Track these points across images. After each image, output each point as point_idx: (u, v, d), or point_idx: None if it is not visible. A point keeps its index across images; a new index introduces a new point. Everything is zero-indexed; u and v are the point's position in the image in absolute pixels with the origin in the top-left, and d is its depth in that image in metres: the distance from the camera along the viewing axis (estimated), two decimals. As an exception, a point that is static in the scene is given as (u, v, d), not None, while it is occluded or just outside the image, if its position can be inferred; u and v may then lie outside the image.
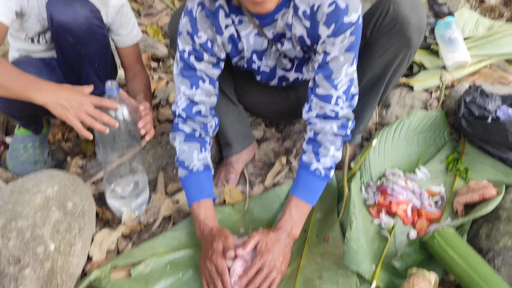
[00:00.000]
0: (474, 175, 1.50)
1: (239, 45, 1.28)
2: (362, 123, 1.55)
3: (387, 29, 1.28)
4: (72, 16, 1.32)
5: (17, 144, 1.61)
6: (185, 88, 1.28)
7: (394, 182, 1.42)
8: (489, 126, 1.47)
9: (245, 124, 1.64)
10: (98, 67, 1.50)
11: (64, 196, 1.19)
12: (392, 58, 1.34)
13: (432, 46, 2.12)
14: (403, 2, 1.25)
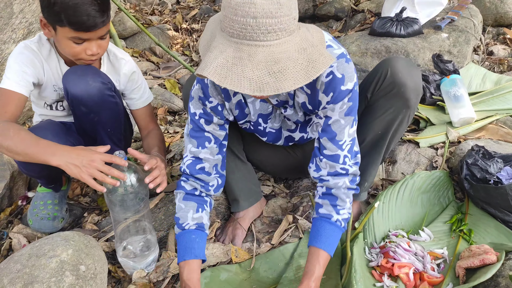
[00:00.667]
0: (477, 237, 1.51)
1: (245, 110, 1.38)
2: (367, 180, 1.60)
3: (386, 91, 1.39)
4: (85, 88, 1.44)
5: (38, 201, 1.70)
6: (192, 146, 1.38)
7: (397, 245, 1.45)
8: (490, 190, 1.50)
9: (252, 181, 1.71)
10: (112, 131, 1.60)
11: (77, 259, 1.26)
12: (392, 118, 1.43)
13: (438, 102, 2.18)
14: (400, 67, 1.36)
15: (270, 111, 1.41)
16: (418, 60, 2.37)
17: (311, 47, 1.04)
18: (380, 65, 1.41)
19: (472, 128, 2.08)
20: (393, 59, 1.39)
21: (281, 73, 0.98)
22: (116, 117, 1.60)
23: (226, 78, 0.98)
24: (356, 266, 1.33)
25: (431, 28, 2.50)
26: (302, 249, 1.55)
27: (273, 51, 0.99)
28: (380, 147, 1.51)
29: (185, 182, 1.40)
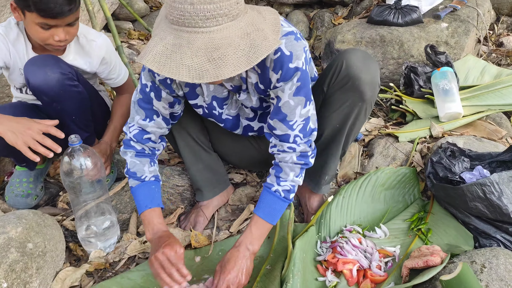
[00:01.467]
0: (435, 237, 1.48)
1: (197, 89, 1.37)
2: (327, 174, 1.58)
3: (341, 84, 1.36)
4: (44, 79, 1.48)
5: (14, 179, 1.79)
6: (140, 118, 1.38)
7: (347, 240, 1.44)
8: (449, 189, 1.45)
9: (217, 171, 1.72)
10: (77, 118, 1.65)
11: (26, 237, 1.33)
12: (348, 111, 1.40)
13: (426, 95, 2.10)
14: (355, 59, 1.33)
15: (225, 96, 1.40)
16: (412, 51, 2.29)
17: (256, 31, 1.03)
18: (336, 58, 1.38)
19: (459, 123, 2.01)
20: (349, 51, 1.36)
21: (221, 60, 0.97)
22: (80, 105, 1.64)
23: (164, 66, 0.99)
24: (296, 260, 1.33)
25: (432, 17, 2.40)
26: (257, 239, 1.56)
27: (213, 37, 0.98)
28: (338, 140, 1.49)
29: (134, 142, 1.42)
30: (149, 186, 1.41)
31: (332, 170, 1.58)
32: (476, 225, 1.43)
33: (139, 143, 1.41)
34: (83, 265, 1.50)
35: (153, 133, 1.41)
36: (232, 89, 1.36)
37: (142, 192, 1.40)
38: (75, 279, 1.45)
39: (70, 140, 1.38)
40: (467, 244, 1.41)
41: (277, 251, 1.47)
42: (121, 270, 1.51)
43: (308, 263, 1.40)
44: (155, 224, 1.36)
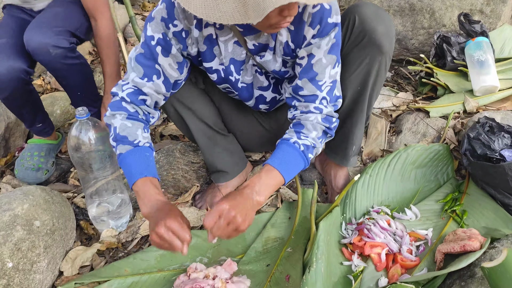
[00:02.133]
0: (470, 219, 1.36)
1: (214, 48, 1.23)
2: (354, 144, 1.46)
3: (357, 41, 1.25)
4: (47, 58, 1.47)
5: (25, 153, 1.73)
6: (136, 76, 1.19)
7: (374, 222, 1.33)
8: (488, 168, 1.32)
9: (235, 153, 1.61)
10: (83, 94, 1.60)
11: (33, 214, 1.25)
12: (369, 69, 1.28)
13: (460, 67, 1.95)
14: (367, 12, 1.22)
15: (243, 59, 1.27)
16: (444, 20, 2.13)
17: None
18: (346, 14, 1.25)
19: (495, 98, 1.86)
20: (359, 5, 1.23)
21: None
22: (85, 79, 1.56)
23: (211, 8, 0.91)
24: (320, 242, 1.23)
25: (465, -16, 2.22)
26: (276, 219, 1.46)
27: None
28: (362, 104, 1.35)
29: (126, 103, 1.19)
30: (143, 153, 1.17)
31: (359, 139, 1.45)
32: (518, 207, 1.31)
33: (133, 104, 1.20)
34: (94, 244, 1.43)
35: (149, 96, 1.21)
36: (254, 48, 1.22)
37: (135, 159, 1.16)
38: (86, 258, 1.38)
39: (77, 113, 1.30)
40: (507, 227, 1.29)
41: (299, 232, 1.38)
42: (133, 250, 1.44)
43: (333, 246, 1.30)
44: (152, 195, 1.11)
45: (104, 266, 1.37)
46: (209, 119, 1.48)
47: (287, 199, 1.55)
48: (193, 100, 1.42)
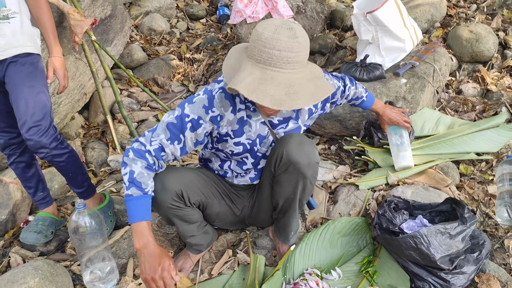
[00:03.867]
0: (380, 278, 1.78)
1: (245, 127, 1.65)
2: (292, 230, 1.89)
3: (284, 168, 1.64)
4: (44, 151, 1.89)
5: (33, 222, 2.12)
6: (164, 138, 1.55)
7: (306, 283, 1.74)
8: (389, 240, 1.75)
9: (209, 235, 1.97)
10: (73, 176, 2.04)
11: (42, 286, 1.64)
12: (295, 186, 1.68)
13: (385, 146, 2.41)
14: (291, 147, 1.60)
15: (265, 134, 1.70)
16: (374, 105, 2.61)
17: (317, 78, 1.41)
18: (276, 146, 1.66)
19: (412, 172, 2.31)
20: (286, 139, 1.62)
21: (294, 94, 1.33)
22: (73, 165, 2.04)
23: (253, 92, 1.32)
24: (260, 301, 1.63)
25: (393, 74, 2.72)
26: (234, 280, 1.86)
27: (290, 77, 1.34)
28: (294, 205, 1.77)
29: (149, 155, 1.55)
30: (148, 200, 1.53)
31: (295, 226, 1.88)
32: (412, 269, 1.73)
33: (155, 157, 1.56)
34: (89, 305, 1.80)
35: (167, 154, 1.57)
36: (278, 123, 1.69)
37: (142, 204, 1.51)
38: (82, 318, 1.76)
39: (76, 204, 1.70)
40: (404, 285, 1.71)
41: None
42: (120, 309, 1.82)
43: (272, 303, 1.71)
44: (146, 236, 1.50)
45: (96, 323, 1.75)
46: (194, 221, 1.82)
47: (243, 263, 1.95)
48: (187, 215, 1.76)
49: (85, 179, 2.10)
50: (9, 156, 2.04)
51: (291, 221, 1.84)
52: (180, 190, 1.64)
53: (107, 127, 3.03)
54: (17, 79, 1.82)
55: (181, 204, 1.68)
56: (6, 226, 2.26)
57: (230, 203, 1.90)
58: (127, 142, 2.87)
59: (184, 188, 1.65)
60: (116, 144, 2.75)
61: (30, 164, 2.08)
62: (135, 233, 1.51)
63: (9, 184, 2.31)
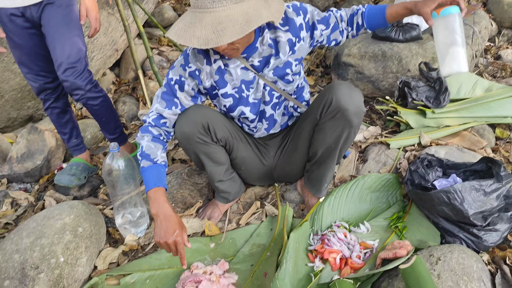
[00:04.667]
0: (409, 233, 1.76)
1: (225, 76, 1.66)
2: (326, 182, 1.88)
3: (332, 115, 1.64)
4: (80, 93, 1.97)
5: (68, 166, 2.18)
6: (159, 106, 1.65)
7: (334, 234, 1.75)
8: (421, 195, 1.73)
9: (236, 184, 1.99)
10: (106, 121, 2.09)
11: (77, 223, 1.69)
12: (339, 135, 1.68)
13: (418, 107, 2.36)
14: (342, 94, 1.60)
15: (251, 79, 1.67)
16: (409, 66, 2.54)
17: (254, 11, 1.35)
18: (325, 91, 1.64)
19: (447, 133, 2.26)
20: (336, 86, 1.61)
21: (222, 31, 1.31)
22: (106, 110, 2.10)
23: (182, 36, 1.35)
24: (289, 249, 1.65)
25: (430, 35, 2.64)
26: (261, 230, 1.88)
27: (218, 15, 1.32)
28: (333, 156, 1.77)
29: (152, 127, 1.66)
30: (159, 169, 1.61)
31: (329, 178, 1.87)
32: (443, 225, 1.71)
33: (156, 127, 1.66)
34: (120, 247, 1.86)
35: (168, 119, 1.67)
36: (260, 64, 1.64)
37: (153, 173, 1.59)
38: (113, 257, 1.81)
39: (110, 147, 1.73)
40: (434, 241, 1.70)
41: (277, 241, 1.79)
42: (149, 252, 1.86)
43: (301, 251, 1.72)
44: (161, 202, 1.55)
45: (127, 263, 1.80)
46: (221, 163, 1.85)
47: (271, 214, 1.97)
48: (214, 153, 1.79)
49: (117, 126, 2.13)
50: (45, 101, 2.09)
51: (327, 172, 1.83)
52: (207, 122, 1.67)
53: (138, 84, 3.05)
54: (53, 21, 1.85)
55: (208, 138, 1.71)
56: (41, 171, 2.32)
57: (256, 151, 1.92)
58: (157, 97, 2.89)
59: (210, 121, 1.69)
60: (146, 99, 2.78)
61: (64, 110, 2.13)
62: (150, 200, 1.56)
63: (44, 131, 2.37)
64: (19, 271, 1.51)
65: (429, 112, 2.35)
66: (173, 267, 1.75)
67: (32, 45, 1.94)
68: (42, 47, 1.94)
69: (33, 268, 1.52)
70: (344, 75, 2.75)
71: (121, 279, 1.69)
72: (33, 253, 1.55)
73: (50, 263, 1.55)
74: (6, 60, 2.55)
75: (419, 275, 1.38)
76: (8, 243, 1.61)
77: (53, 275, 1.54)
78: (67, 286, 1.59)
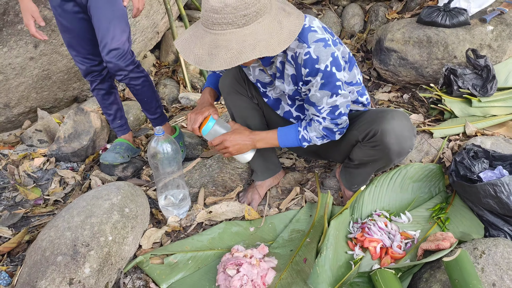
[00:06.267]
0: (452, 225, 1.74)
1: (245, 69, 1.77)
2: (357, 183, 1.88)
3: (373, 145, 1.61)
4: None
5: (112, 146, 2.26)
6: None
7: (374, 223, 1.74)
8: (466, 187, 1.70)
9: (269, 159, 2.04)
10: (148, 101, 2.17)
11: (124, 203, 1.75)
12: (375, 162, 1.70)
13: (464, 95, 2.30)
14: (390, 131, 1.54)
15: (268, 81, 1.73)
16: (455, 52, 2.47)
17: (252, 40, 1.31)
18: (377, 119, 1.59)
19: (493, 123, 2.20)
20: (388, 120, 1.55)
21: (215, 56, 1.32)
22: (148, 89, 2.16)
23: (183, 49, 1.39)
24: (330, 236, 1.66)
25: (478, 20, 2.54)
26: (300, 215, 1.90)
27: (218, 38, 1.32)
28: (368, 170, 1.78)
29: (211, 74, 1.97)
30: (216, 78, 1.93)
31: (361, 182, 1.87)
32: (488, 218, 1.68)
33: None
34: (163, 227, 1.91)
35: None
36: (272, 75, 1.68)
37: (210, 79, 1.94)
38: (157, 237, 1.87)
39: (155, 131, 1.78)
40: (477, 233, 1.67)
41: (317, 227, 1.81)
42: (191, 233, 1.91)
43: (341, 239, 1.73)
44: (205, 95, 1.86)
45: (170, 243, 1.85)
46: (252, 122, 1.89)
47: (310, 200, 1.98)
48: (246, 109, 1.86)
49: (158, 106, 2.19)
50: (91, 83, 2.16)
51: (359, 177, 1.84)
52: (245, 77, 1.84)
53: (178, 66, 3.09)
54: (99, 3, 1.91)
55: (243, 90, 1.86)
56: (87, 151, 2.41)
57: None
58: (197, 80, 2.92)
59: (245, 78, 1.84)
60: (186, 81, 2.81)
61: (109, 92, 2.20)
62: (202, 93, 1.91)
63: (90, 113, 2.44)
64: (71, 247, 1.58)
65: (475, 101, 2.29)
66: (214, 249, 1.79)
67: (80, 28, 2.00)
68: (90, 31, 2.00)
69: (83, 245, 1.59)
70: (387, 61, 2.69)
71: (165, 258, 1.75)
72: (83, 231, 1.62)
73: (100, 241, 1.62)
74: (54, 43, 2.63)
75: (463, 268, 1.37)
76: (60, 221, 1.68)
77: (102, 252, 1.61)
78: (115, 263, 1.65)
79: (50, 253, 1.57)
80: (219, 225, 1.90)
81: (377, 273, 1.48)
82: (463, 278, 1.35)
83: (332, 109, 1.56)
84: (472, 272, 1.36)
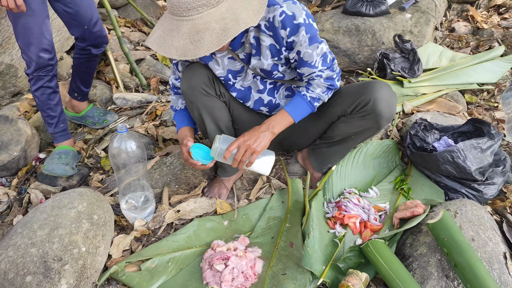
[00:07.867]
0: (414, 194, 1.87)
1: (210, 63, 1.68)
2: (330, 162, 1.92)
3: (363, 115, 1.64)
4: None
5: (54, 155, 2.03)
6: (173, 78, 1.83)
7: (349, 200, 1.80)
8: (425, 156, 1.84)
9: None
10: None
11: (91, 210, 1.58)
12: (363, 132, 1.71)
13: (397, 77, 2.48)
14: (381, 99, 1.59)
15: (239, 69, 1.68)
16: (383, 39, 2.66)
17: (232, 15, 1.28)
18: (363, 89, 1.62)
19: (424, 100, 2.41)
20: (377, 88, 1.59)
21: (199, 42, 1.26)
22: None
23: (160, 46, 1.31)
24: (313, 217, 1.68)
25: (397, 9, 2.77)
26: (273, 203, 1.89)
27: (195, 23, 1.27)
28: (348, 145, 1.81)
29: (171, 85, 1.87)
30: (181, 113, 1.84)
31: (334, 161, 1.91)
32: (446, 183, 1.84)
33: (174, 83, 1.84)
34: (132, 233, 1.77)
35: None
36: (245, 58, 1.63)
37: (176, 117, 1.85)
38: (126, 244, 1.73)
39: (118, 128, 1.64)
40: (439, 198, 1.82)
41: (293, 212, 1.81)
42: (163, 235, 1.80)
43: (321, 219, 1.76)
44: (179, 133, 1.79)
45: (142, 248, 1.72)
46: (223, 123, 1.82)
47: (278, 187, 1.98)
48: (218, 110, 1.77)
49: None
50: (39, 80, 1.94)
51: (335, 155, 1.88)
52: (212, 76, 1.71)
53: (104, 67, 2.88)
54: None
55: (211, 90, 1.72)
56: (19, 163, 2.13)
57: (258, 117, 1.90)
58: (129, 80, 2.75)
59: (212, 77, 1.72)
60: (118, 82, 2.64)
61: (55, 91, 1.99)
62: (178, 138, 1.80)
63: (17, 120, 2.17)
64: (40, 265, 1.39)
65: (406, 82, 2.49)
66: (192, 247, 1.71)
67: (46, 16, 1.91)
68: None
69: (56, 260, 1.41)
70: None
71: (141, 264, 1.62)
72: (52, 245, 1.44)
73: (73, 254, 1.44)
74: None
75: (449, 227, 1.47)
76: (18, 238, 1.47)
77: (78, 265, 1.44)
78: (90, 276, 1.49)
79: (15, 275, 1.38)
80: (192, 222, 1.81)
81: (369, 244, 1.53)
82: (451, 236, 1.45)
83: (323, 58, 1.55)
84: (457, 230, 1.47)
